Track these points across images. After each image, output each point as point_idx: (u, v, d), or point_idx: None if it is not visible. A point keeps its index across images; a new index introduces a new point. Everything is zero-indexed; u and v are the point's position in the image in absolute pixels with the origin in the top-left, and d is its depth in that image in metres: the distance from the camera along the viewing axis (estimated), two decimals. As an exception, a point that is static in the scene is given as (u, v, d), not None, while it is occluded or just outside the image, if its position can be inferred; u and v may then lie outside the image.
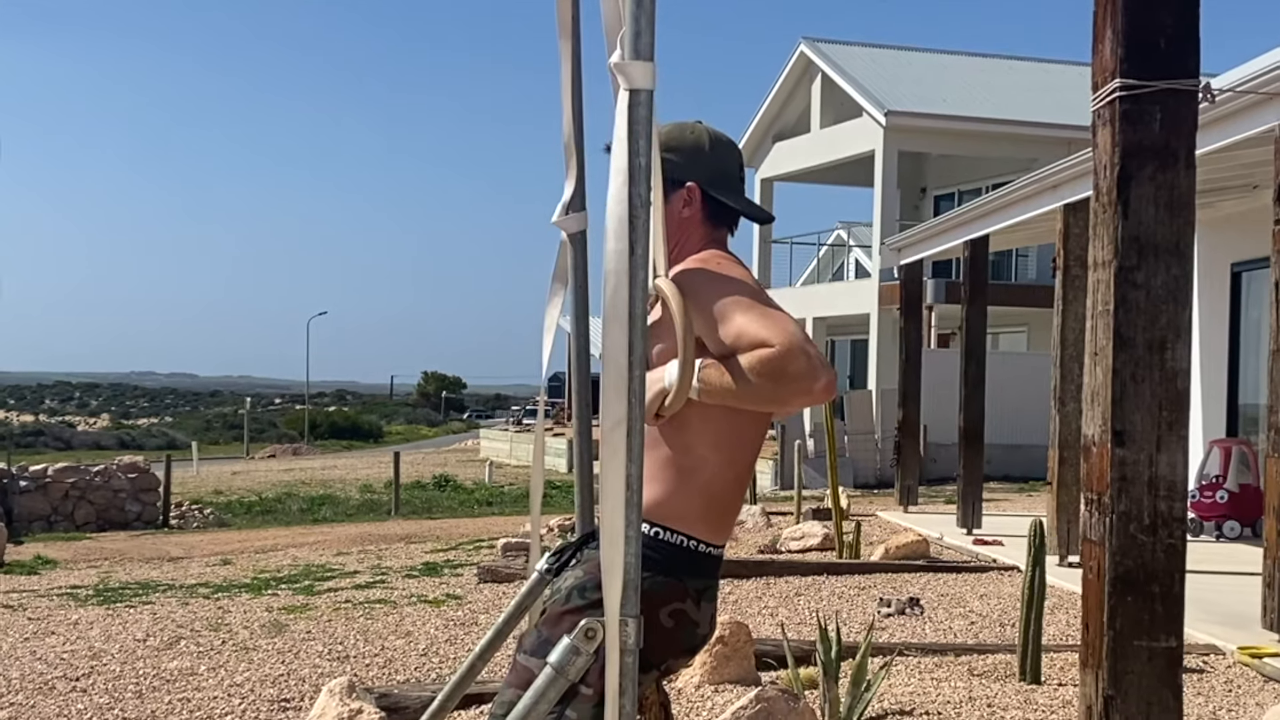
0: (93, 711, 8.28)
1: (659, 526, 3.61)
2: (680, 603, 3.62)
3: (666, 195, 3.65)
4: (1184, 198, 5.60)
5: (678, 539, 3.62)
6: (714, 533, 3.70)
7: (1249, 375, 18.26)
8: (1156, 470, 5.56)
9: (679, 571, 3.63)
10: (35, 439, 79.10)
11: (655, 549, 3.58)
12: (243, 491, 37.98)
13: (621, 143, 2.74)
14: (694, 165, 3.76)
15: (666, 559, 3.61)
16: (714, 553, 3.70)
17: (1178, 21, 5.58)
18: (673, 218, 3.73)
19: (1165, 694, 5.59)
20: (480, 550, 17.87)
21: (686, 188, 3.75)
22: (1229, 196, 16.51)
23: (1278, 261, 10.10)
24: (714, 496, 3.69)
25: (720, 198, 3.78)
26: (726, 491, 3.75)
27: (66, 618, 12.40)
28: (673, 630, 3.61)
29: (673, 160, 3.71)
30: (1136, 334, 5.57)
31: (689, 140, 3.79)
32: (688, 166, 3.76)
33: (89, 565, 18.46)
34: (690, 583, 3.65)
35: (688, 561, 3.64)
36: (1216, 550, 15.30)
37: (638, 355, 2.76)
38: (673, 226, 3.73)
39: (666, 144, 3.71)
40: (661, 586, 3.56)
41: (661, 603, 3.56)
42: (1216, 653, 9.54)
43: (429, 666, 9.61)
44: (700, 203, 3.77)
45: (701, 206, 3.78)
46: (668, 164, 3.66)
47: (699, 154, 3.78)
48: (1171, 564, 5.59)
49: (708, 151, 3.79)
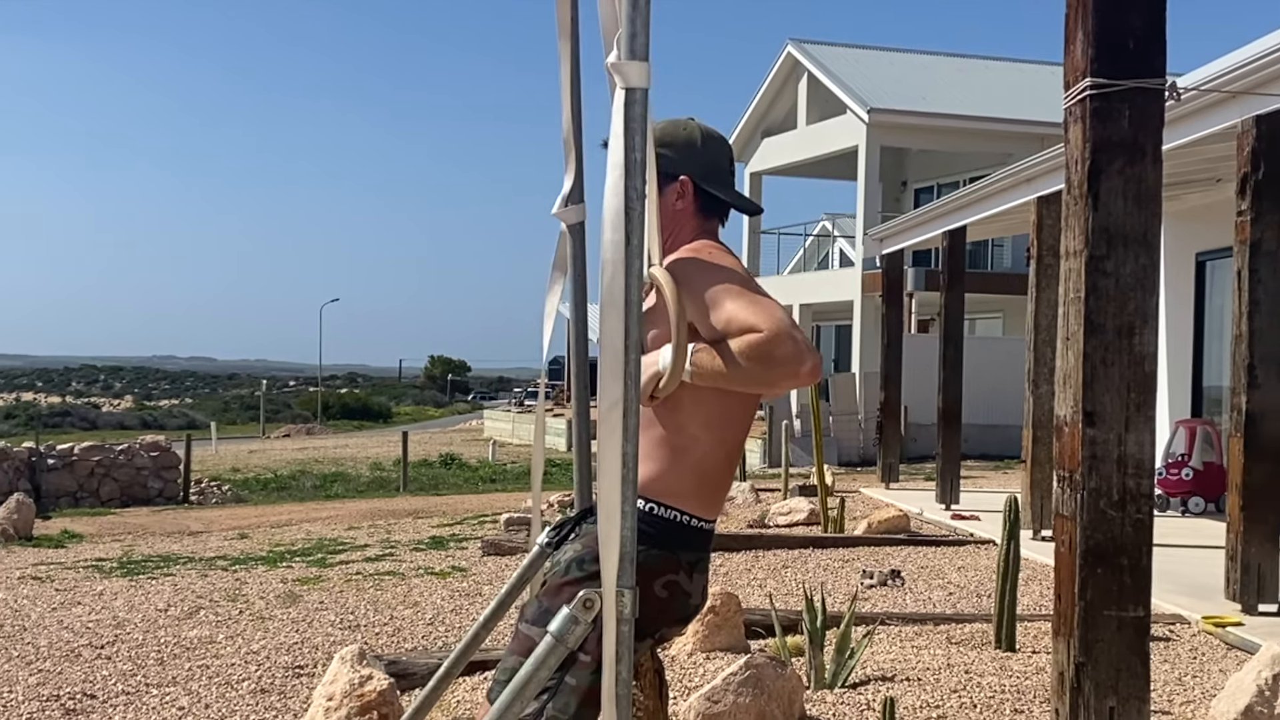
0: (117, 678, 8.28)
1: (653, 502, 3.60)
2: (674, 575, 3.62)
3: (660, 188, 3.67)
4: (1151, 190, 5.60)
5: (671, 514, 3.62)
6: (706, 508, 3.70)
7: (1213, 359, 18.28)
8: (1125, 449, 5.56)
9: (672, 545, 3.62)
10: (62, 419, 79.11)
11: (650, 524, 3.57)
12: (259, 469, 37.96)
13: (618, 138, 2.73)
14: (686, 160, 3.76)
15: (660, 533, 3.60)
16: (705, 527, 3.70)
17: (1145, 24, 5.58)
18: (666, 210, 3.73)
19: (1133, 661, 5.60)
20: (484, 525, 17.88)
21: (680, 181, 3.74)
22: (1194, 190, 16.50)
23: (1240, 251, 10.11)
24: (706, 474, 3.68)
25: (711, 190, 3.78)
26: (717, 469, 3.75)
27: (92, 589, 12.41)
28: (666, 601, 3.61)
29: (666, 155, 3.71)
30: (1106, 320, 5.56)
31: (682, 136, 3.79)
32: (681, 161, 3.75)
33: (113, 539, 18.46)
34: (683, 556, 3.65)
35: (681, 535, 3.64)
36: (1182, 525, 15.31)
37: (633, 340, 2.76)
38: (666, 218, 3.73)
39: (660, 139, 3.71)
40: (656, 559, 3.56)
41: (656, 575, 3.56)
42: (1182, 622, 9.55)
43: (435, 635, 9.61)
44: (692, 196, 3.76)
45: (693, 199, 3.77)
46: (661, 158, 3.67)
47: (691, 149, 3.77)
48: (1139, 538, 5.59)
49: (699, 147, 3.78)
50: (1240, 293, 10.09)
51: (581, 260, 4.26)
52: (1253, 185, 10.05)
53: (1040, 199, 14.58)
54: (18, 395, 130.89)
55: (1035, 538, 13.65)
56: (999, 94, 36.94)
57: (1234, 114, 10.32)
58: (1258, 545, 9.90)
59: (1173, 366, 18.31)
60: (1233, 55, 11.79)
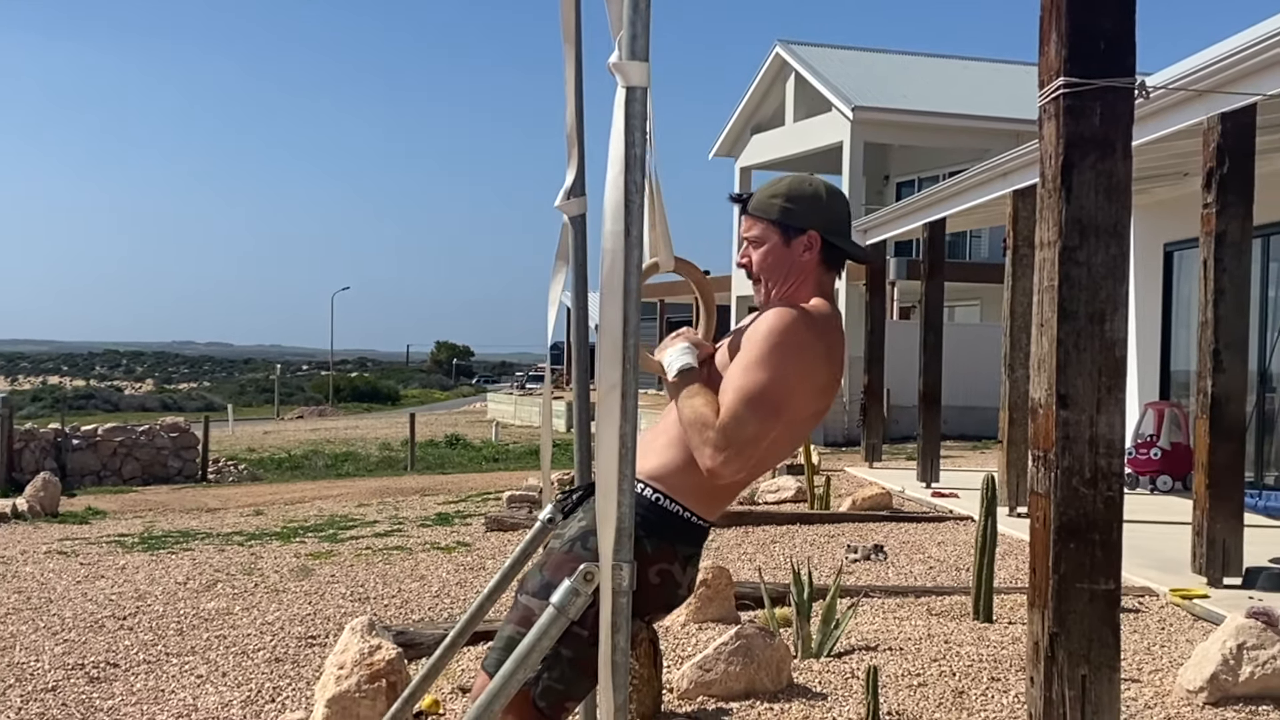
0: (139, 647, 8.28)
1: (661, 494, 3.59)
2: (668, 564, 3.61)
3: (786, 239, 3.65)
4: (1122, 184, 5.60)
5: (675, 508, 3.60)
6: (707, 509, 3.68)
7: (1180, 344, 18.29)
8: (1096, 430, 5.56)
9: (671, 537, 3.61)
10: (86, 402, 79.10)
11: (653, 513, 3.57)
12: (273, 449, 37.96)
13: (619, 134, 2.73)
14: (813, 214, 3.71)
15: (662, 524, 3.59)
16: (704, 525, 3.68)
17: (1116, 26, 5.57)
18: (793, 260, 3.70)
19: (1105, 631, 5.60)
20: (488, 502, 17.87)
21: (808, 235, 3.69)
22: (1162, 183, 16.50)
23: (1206, 242, 10.11)
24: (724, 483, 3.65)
25: (836, 243, 3.73)
26: (737, 484, 3.73)
27: (115, 563, 12.40)
28: (658, 588, 3.60)
29: (792, 209, 3.68)
30: (1079, 307, 5.56)
31: (808, 191, 3.73)
32: (808, 215, 3.70)
33: (135, 515, 18.46)
34: (680, 548, 3.63)
35: (681, 529, 3.62)
36: (1151, 502, 15.33)
37: (632, 326, 2.75)
38: (792, 267, 3.70)
39: (788, 194, 3.69)
40: (654, 547, 3.55)
41: (651, 562, 3.55)
42: (1151, 594, 9.56)
43: (441, 607, 9.61)
44: (819, 248, 3.71)
45: (819, 251, 3.72)
46: (789, 212, 3.66)
47: (817, 203, 3.72)
48: (1110, 514, 5.59)
49: (825, 201, 3.73)
50: (1206, 281, 10.10)
51: (583, 250, 4.27)
52: (1218, 179, 10.06)
53: (1016, 192, 14.57)
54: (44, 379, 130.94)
55: (1011, 514, 13.65)
56: (977, 92, 36.90)
57: (1200, 111, 10.31)
58: (1222, 521, 9.91)
59: (1142, 351, 18.32)
60: (1199, 55, 11.79)
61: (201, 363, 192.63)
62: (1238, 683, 6.71)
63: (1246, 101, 9.85)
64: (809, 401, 3.63)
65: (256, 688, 7.13)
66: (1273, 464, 16.16)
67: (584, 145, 4.20)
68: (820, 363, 3.60)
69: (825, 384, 3.66)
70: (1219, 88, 10.01)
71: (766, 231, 3.71)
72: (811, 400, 3.64)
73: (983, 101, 35.71)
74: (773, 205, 3.70)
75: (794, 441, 3.80)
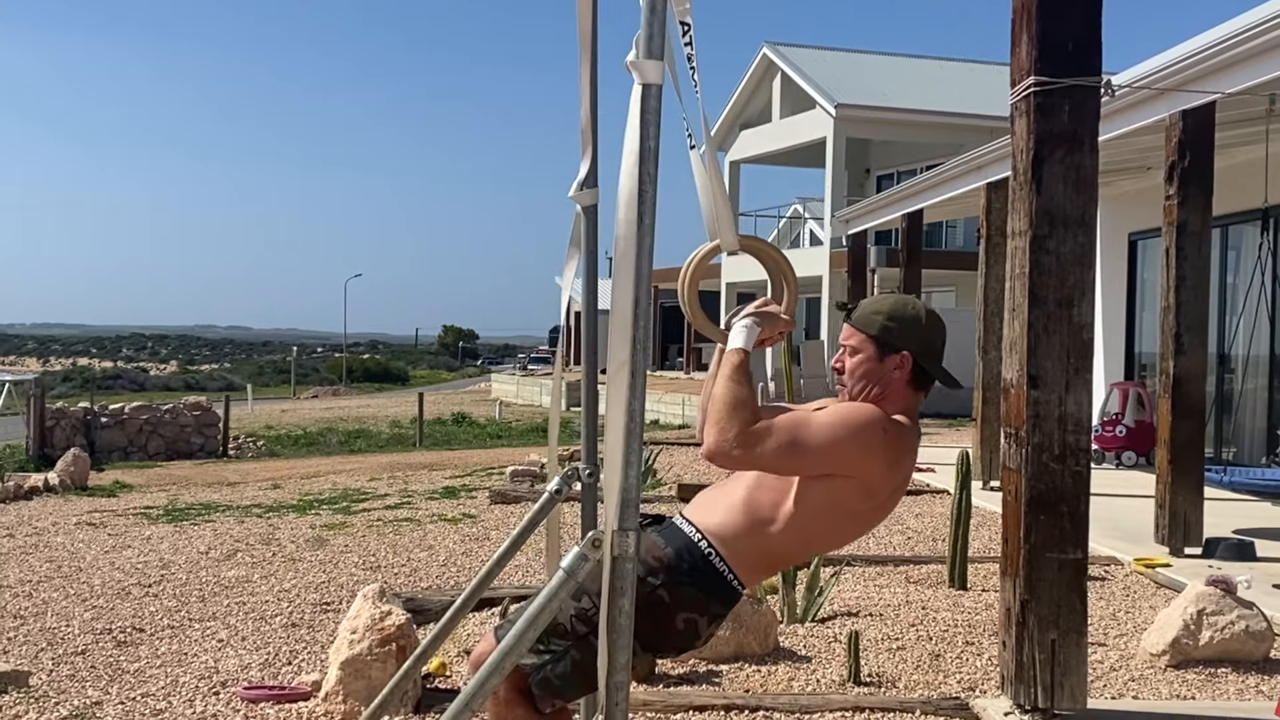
0: (163, 613, 8.28)
1: (715, 551, 3.52)
2: (698, 616, 3.53)
3: (880, 355, 3.58)
4: (1089, 177, 5.60)
5: (723, 568, 3.52)
6: (750, 577, 3.61)
7: (1143, 328, 18.32)
8: (1065, 409, 5.57)
9: (710, 592, 3.54)
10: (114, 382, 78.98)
11: (703, 565, 3.51)
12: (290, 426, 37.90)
13: (634, 128, 2.73)
14: (910, 336, 3.62)
15: (707, 578, 3.52)
16: (741, 591, 3.61)
17: (1083, 29, 5.58)
18: (884, 375, 3.62)
19: (1072, 598, 5.61)
20: (492, 476, 17.86)
21: (902, 355, 3.60)
22: (1127, 176, 16.49)
23: (1168, 231, 10.11)
24: (770, 555, 3.61)
25: (926, 367, 3.65)
26: (782, 557, 3.70)
27: (140, 533, 12.40)
28: (681, 633, 3.54)
29: (891, 328, 3.61)
30: (1048, 293, 5.57)
31: (909, 314, 3.65)
32: (905, 336, 3.62)
33: (159, 489, 18.44)
34: (713, 605, 3.56)
35: (721, 589, 3.55)
36: (1116, 476, 15.33)
37: (642, 308, 2.74)
38: (881, 381, 3.62)
39: (890, 314, 3.62)
40: (691, 597, 3.50)
41: (684, 609, 3.50)
42: (1116, 563, 9.56)
43: (448, 575, 9.61)
44: (910, 369, 3.63)
45: (910, 372, 3.63)
46: (887, 330, 3.59)
47: (916, 327, 3.64)
48: (1078, 488, 5.60)
49: (923, 326, 3.65)
50: (1168, 269, 10.10)
51: (594, 238, 4.28)
52: (1179, 172, 10.06)
53: (989, 185, 14.55)
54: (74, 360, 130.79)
55: (985, 488, 13.64)
56: (953, 91, 36.87)
57: (1163, 109, 10.31)
58: (1184, 495, 9.92)
59: (1108, 334, 18.33)
60: (1161, 56, 11.77)
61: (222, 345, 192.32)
62: (1198, 646, 6.72)
63: (1206, 99, 9.85)
64: (854, 494, 3.52)
65: (274, 651, 7.13)
66: (1231, 441, 16.18)
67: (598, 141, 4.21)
68: (877, 465, 3.51)
69: (876, 486, 3.55)
70: (1180, 86, 10.00)
71: (864, 343, 3.62)
72: (857, 496, 3.53)
73: (958, 99, 35.70)
74: (874, 321, 3.63)
75: (837, 531, 3.69)
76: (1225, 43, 9.42)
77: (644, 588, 3.36)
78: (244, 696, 6.11)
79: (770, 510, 3.52)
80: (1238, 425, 16.21)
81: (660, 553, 3.51)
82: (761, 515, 3.53)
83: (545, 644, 3.48)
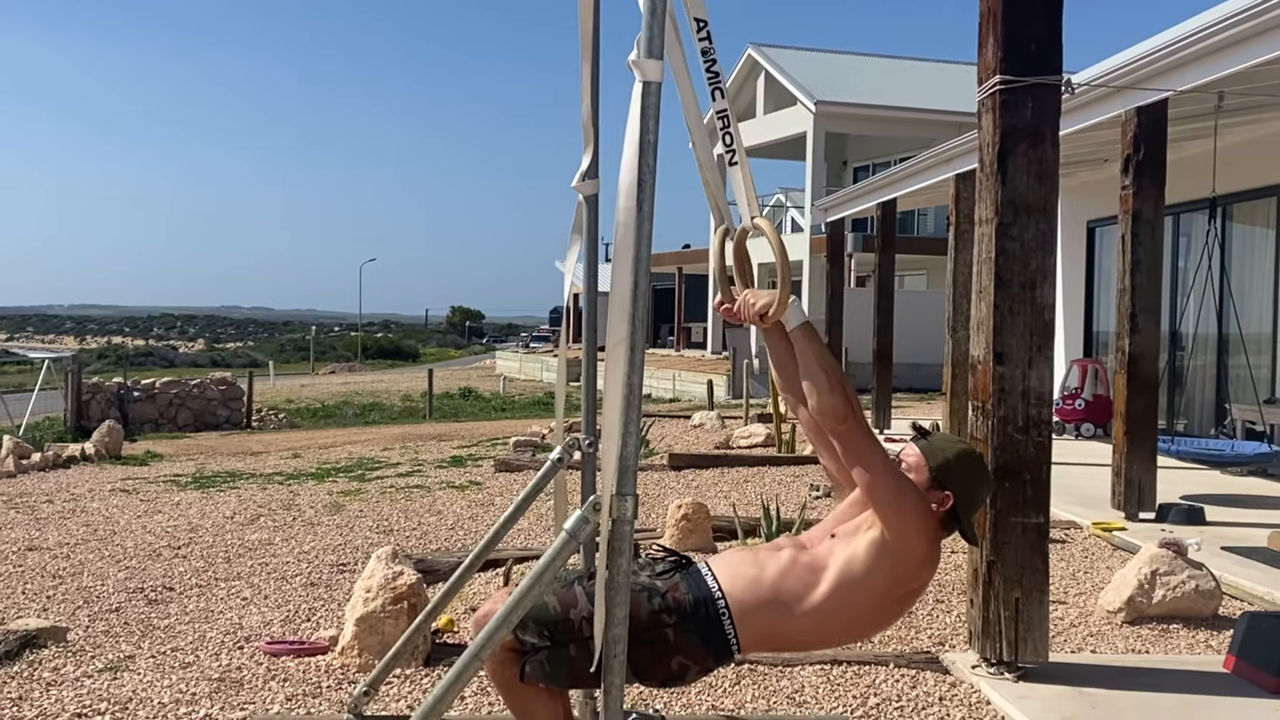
0: (191, 573, 8.27)
1: (728, 612, 3.41)
2: (693, 664, 3.41)
3: (929, 484, 3.48)
4: (1050, 169, 5.59)
5: (730, 630, 3.41)
6: (750, 648, 3.49)
7: (1101, 309, 18.33)
8: (1028, 384, 5.56)
9: (712, 648, 3.42)
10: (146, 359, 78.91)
11: (716, 622, 3.40)
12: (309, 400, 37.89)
13: (635, 122, 2.72)
14: (961, 483, 3.50)
15: (713, 635, 3.40)
16: (736, 655, 3.47)
17: (1045, 31, 5.57)
18: (924, 500, 3.48)
19: (1035, 559, 5.62)
20: (496, 446, 17.87)
21: (945, 494, 3.48)
22: (1086, 168, 16.47)
23: (1124, 219, 10.12)
24: (778, 636, 3.48)
25: (960, 514, 3.52)
26: (787, 642, 3.56)
27: (170, 499, 12.39)
28: (672, 673, 3.41)
29: (949, 469, 3.50)
30: (1013, 276, 5.56)
31: (970, 467, 3.55)
32: (957, 481, 3.50)
33: (188, 458, 18.43)
34: (709, 661, 3.44)
35: (723, 648, 3.42)
36: (1075, 447, 15.35)
37: (641, 290, 2.73)
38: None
39: (956, 456, 3.52)
40: (693, 644, 3.39)
41: (682, 653, 3.39)
42: (1075, 527, 9.57)
43: (455, 538, 9.60)
44: (946, 510, 3.50)
45: (944, 512, 3.50)
46: (945, 467, 3.49)
47: (970, 479, 3.54)
48: (1040, 457, 5.60)
49: (975, 482, 3.56)
50: (1124, 254, 10.11)
51: (595, 226, 4.28)
52: (1134, 165, 10.06)
53: (958, 176, 14.52)
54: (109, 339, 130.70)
55: (953, 457, 13.65)
56: (924, 89, 36.82)
57: (1119, 105, 10.29)
58: (1138, 463, 9.93)
59: (1068, 315, 18.35)
60: (1118, 56, 11.74)
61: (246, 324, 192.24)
62: (1151, 604, 6.73)
63: (1159, 96, 9.84)
64: (879, 586, 3.42)
65: (294, 609, 7.13)
66: (1182, 413, 16.20)
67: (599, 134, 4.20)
68: (922, 541, 3.43)
69: (912, 569, 3.45)
70: (1135, 85, 9.99)
71: (921, 468, 3.52)
72: (883, 585, 3.43)
73: (929, 96, 35.65)
74: (939, 454, 3.53)
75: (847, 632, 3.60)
76: (1177, 44, 9.40)
77: (656, 621, 3.34)
78: (266, 650, 6.11)
79: (792, 598, 3.41)
80: (1188, 399, 16.24)
81: (681, 596, 3.40)
82: (782, 599, 3.40)
83: (551, 632, 3.39)
